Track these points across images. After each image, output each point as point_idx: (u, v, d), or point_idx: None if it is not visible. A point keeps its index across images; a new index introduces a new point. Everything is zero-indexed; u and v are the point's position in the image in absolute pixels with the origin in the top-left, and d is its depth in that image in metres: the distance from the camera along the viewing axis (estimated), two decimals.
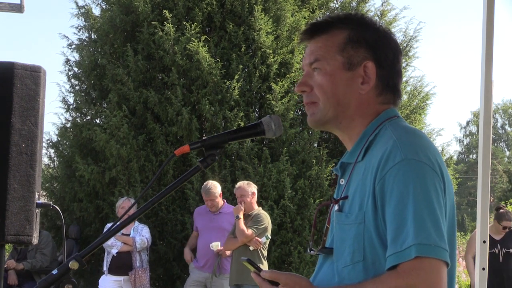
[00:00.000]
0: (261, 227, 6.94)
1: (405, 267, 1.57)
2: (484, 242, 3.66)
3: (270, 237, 7.15)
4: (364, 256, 1.68)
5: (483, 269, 3.62)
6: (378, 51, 1.83)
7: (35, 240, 3.10)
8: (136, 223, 8.17)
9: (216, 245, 7.28)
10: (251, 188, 7.12)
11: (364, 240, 1.68)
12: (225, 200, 7.79)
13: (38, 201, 3.08)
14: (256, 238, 6.89)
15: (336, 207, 1.80)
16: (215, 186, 7.56)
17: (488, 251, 3.72)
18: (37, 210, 3.10)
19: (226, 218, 7.49)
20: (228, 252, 7.28)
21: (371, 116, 1.83)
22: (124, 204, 8.03)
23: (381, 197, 1.65)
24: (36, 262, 8.77)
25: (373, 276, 1.66)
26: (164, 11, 9.71)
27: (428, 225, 1.58)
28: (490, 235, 8.31)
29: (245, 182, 7.27)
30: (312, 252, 1.88)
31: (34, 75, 3.10)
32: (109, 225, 8.22)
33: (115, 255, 7.91)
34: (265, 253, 7.06)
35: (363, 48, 1.82)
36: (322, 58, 1.83)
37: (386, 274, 1.61)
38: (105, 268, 7.99)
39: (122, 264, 7.89)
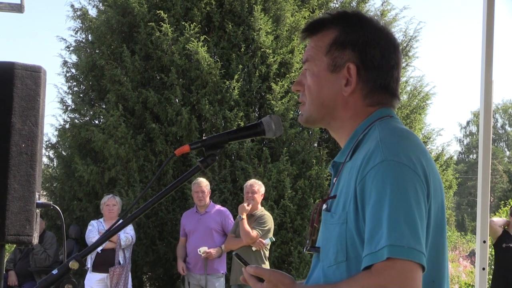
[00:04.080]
0: (265, 228, 6.95)
1: (378, 267, 1.57)
2: (484, 242, 3.64)
3: (274, 239, 7.15)
4: (347, 256, 1.68)
5: (483, 269, 3.62)
6: (364, 52, 1.80)
7: (35, 240, 3.09)
8: (120, 220, 8.12)
9: (204, 250, 7.27)
10: (263, 188, 7.20)
11: (347, 240, 1.68)
12: (211, 200, 7.81)
13: (38, 201, 3.08)
14: (260, 239, 6.89)
15: (324, 206, 1.80)
16: (204, 180, 7.65)
17: (488, 250, 3.71)
18: (37, 210, 3.10)
19: (213, 218, 7.53)
20: (214, 254, 7.27)
21: (363, 116, 1.82)
22: (109, 202, 8.01)
23: (361, 198, 1.65)
24: (40, 260, 8.79)
25: None
26: (158, 11, 9.70)
27: (403, 226, 1.57)
28: (507, 231, 8.39)
29: (257, 181, 7.30)
30: (306, 251, 1.89)
31: (34, 75, 3.09)
32: (93, 222, 8.19)
33: (99, 252, 7.85)
34: (267, 253, 7.07)
35: (348, 49, 1.81)
36: (312, 58, 1.85)
37: (360, 273, 1.61)
38: (89, 265, 7.93)
39: (106, 261, 7.84)
